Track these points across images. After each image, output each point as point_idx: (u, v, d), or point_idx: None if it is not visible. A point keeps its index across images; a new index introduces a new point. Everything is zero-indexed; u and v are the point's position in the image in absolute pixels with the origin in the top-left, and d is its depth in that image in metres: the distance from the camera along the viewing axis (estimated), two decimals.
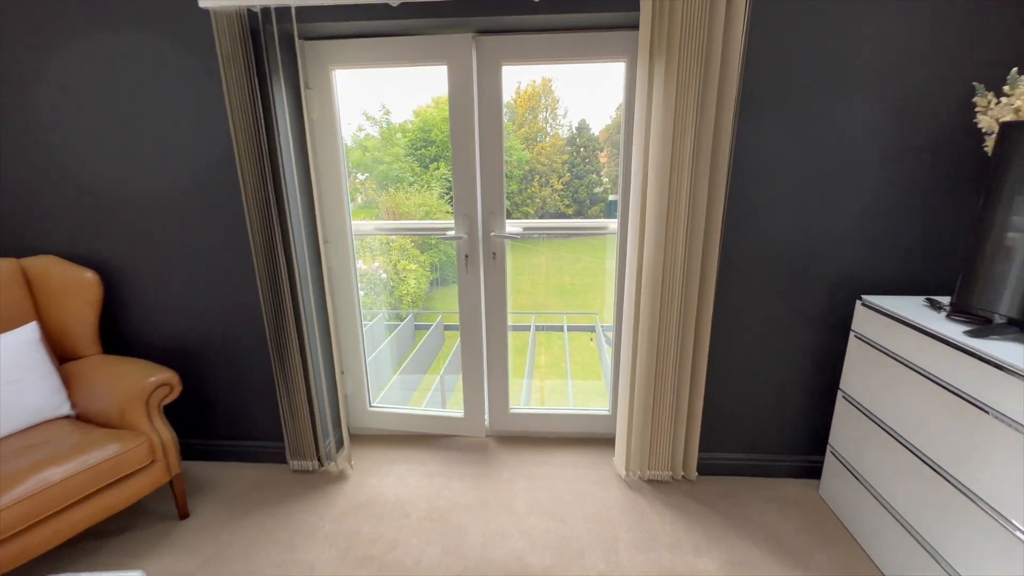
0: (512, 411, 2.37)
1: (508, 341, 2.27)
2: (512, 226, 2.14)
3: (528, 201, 5.26)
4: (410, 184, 4.44)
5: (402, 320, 4.71)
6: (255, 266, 1.89)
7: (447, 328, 4.89)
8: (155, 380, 1.77)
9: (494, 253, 2.12)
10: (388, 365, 3.88)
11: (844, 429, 1.84)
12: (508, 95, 1.93)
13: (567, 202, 5.05)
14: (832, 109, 1.68)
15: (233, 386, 2.16)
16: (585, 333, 5.36)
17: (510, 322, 2.26)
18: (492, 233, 2.08)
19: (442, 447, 2.35)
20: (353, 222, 2.22)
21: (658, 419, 1.97)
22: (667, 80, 1.62)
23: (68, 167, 1.93)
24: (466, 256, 2.11)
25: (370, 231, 2.40)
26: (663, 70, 1.62)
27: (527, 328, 5.27)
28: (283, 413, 2.07)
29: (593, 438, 2.38)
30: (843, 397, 1.83)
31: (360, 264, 4.71)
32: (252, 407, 2.17)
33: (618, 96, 1.96)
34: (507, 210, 2.07)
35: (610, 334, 5.38)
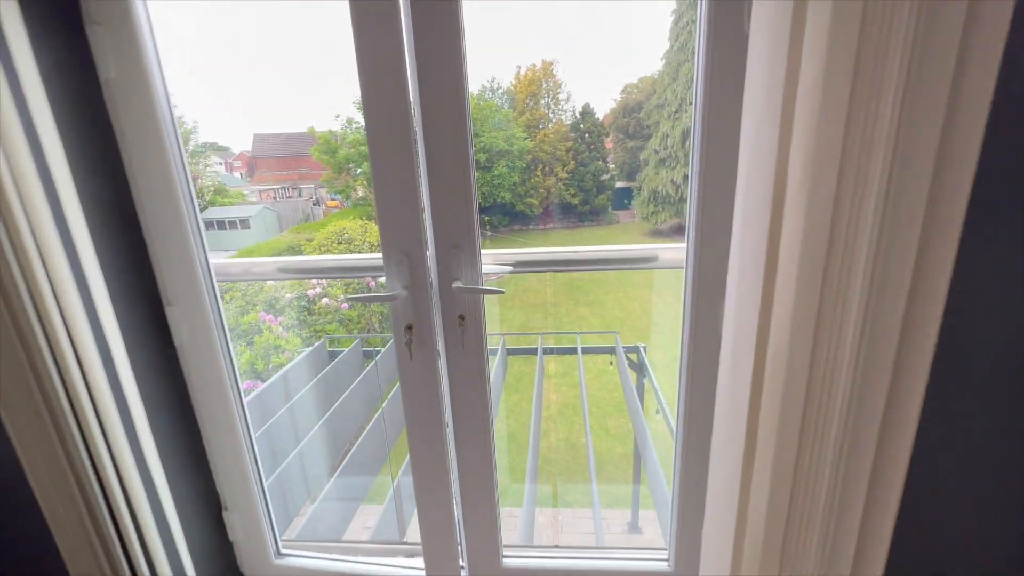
0: (507, 560, 1.44)
1: (494, 456, 1.33)
2: (493, 263, 1.20)
3: (532, 192, 4.90)
4: None
5: (384, 344, 3.87)
6: None
7: None
8: None
9: (461, 316, 1.17)
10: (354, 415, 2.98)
11: None
12: (507, 80, 1.02)
13: (572, 191, 4.88)
14: None
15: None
16: (604, 355, 4.43)
17: (509, 344, 1.32)
18: (455, 284, 1.13)
19: None
20: (221, 262, 1.29)
21: None
22: None
23: None
24: (408, 328, 1.15)
25: (270, 272, 1.47)
26: None
27: (533, 351, 4.34)
28: None
29: None
30: None
31: None
32: None
33: (625, 75, 1.15)
34: (511, 203, 1.36)
35: (633, 355, 4.50)
